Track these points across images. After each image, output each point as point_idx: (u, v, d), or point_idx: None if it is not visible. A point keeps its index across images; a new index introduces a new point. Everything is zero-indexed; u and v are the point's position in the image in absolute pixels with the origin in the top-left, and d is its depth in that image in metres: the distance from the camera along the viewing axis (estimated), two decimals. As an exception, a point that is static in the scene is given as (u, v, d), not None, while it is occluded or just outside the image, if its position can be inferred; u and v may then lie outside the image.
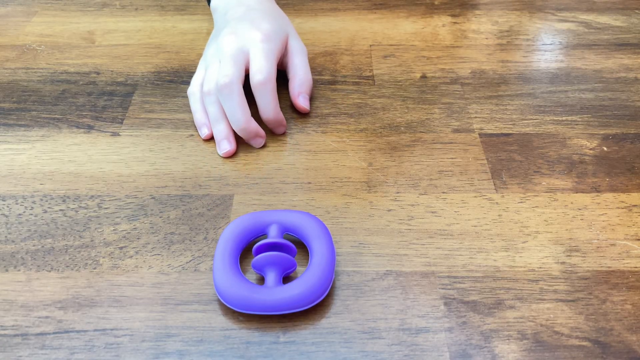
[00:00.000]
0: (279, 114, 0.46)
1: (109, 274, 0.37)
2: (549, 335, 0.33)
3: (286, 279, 0.36)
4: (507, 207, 0.41)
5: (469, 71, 0.54)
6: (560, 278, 0.36)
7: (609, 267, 0.37)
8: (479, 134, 0.47)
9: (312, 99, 0.50)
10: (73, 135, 0.47)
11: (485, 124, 0.48)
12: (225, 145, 0.45)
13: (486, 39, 0.58)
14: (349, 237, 0.39)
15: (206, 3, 0.64)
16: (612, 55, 0.56)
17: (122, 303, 0.35)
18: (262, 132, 0.45)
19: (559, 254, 0.38)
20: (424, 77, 0.53)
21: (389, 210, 0.41)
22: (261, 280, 0.36)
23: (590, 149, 0.45)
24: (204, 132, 0.46)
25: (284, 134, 0.47)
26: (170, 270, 0.37)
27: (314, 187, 0.42)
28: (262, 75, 0.44)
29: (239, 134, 0.45)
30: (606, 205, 0.41)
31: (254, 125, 0.44)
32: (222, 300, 0.35)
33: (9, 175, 0.43)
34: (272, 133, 0.47)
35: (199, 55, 0.55)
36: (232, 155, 0.45)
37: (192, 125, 0.48)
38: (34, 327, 0.34)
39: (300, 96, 0.48)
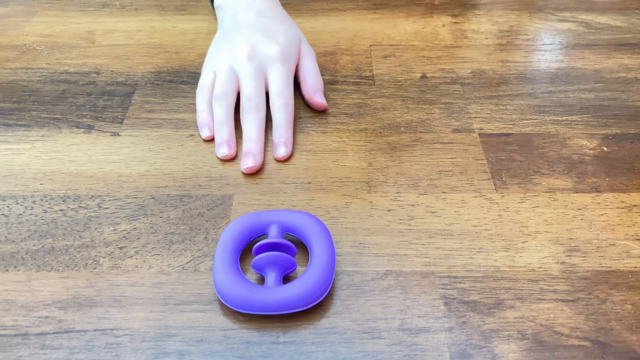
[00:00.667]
0: (289, 130, 0.46)
1: (109, 274, 0.37)
2: (549, 335, 0.34)
3: (286, 279, 0.36)
4: (507, 207, 0.41)
5: (469, 71, 0.54)
6: (560, 278, 0.36)
7: (609, 267, 0.37)
8: (479, 134, 0.47)
9: (312, 99, 0.50)
10: (73, 135, 0.47)
11: (485, 124, 0.48)
12: (225, 149, 0.45)
13: (486, 39, 0.58)
14: (349, 237, 0.39)
15: (208, 2, 0.63)
16: (612, 55, 0.56)
17: (122, 303, 0.35)
18: (260, 157, 0.44)
19: (559, 254, 0.38)
20: (424, 77, 0.53)
21: (389, 210, 0.41)
22: (261, 280, 0.36)
23: (590, 149, 0.45)
24: (205, 133, 0.46)
25: (283, 159, 0.45)
26: (170, 270, 0.37)
27: (314, 187, 0.42)
28: (284, 98, 0.46)
29: (244, 146, 0.45)
30: (606, 205, 0.41)
31: (260, 146, 0.45)
32: (222, 300, 0.35)
33: (9, 175, 0.43)
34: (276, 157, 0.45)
35: (199, 55, 0.55)
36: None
37: (192, 125, 0.48)
38: (34, 327, 0.34)
39: (316, 94, 0.49)
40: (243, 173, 0.44)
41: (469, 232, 0.39)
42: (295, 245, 0.38)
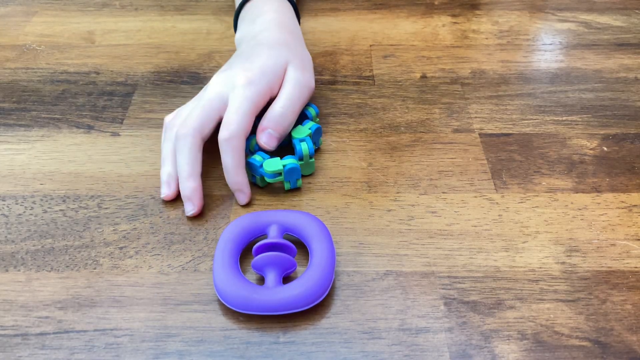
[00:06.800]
0: (238, 176, 0.40)
1: (109, 274, 0.37)
2: (549, 335, 0.33)
3: (286, 279, 0.36)
4: (507, 207, 0.41)
5: (469, 71, 0.54)
6: (560, 278, 0.36)
7: (609, 267, 0.37)
8: (479, 134, 0.47)
9: (312, 98, 0.50)
10: (73, 135, 0.47)
11: (485, 124, 0.48)
12: (164, 189, 0.41)
13: (486, 39, 0.58)
14: (349, 237, 0.39)
15: (208, 3, 0.63)
16: (612, 55, 0.56)
17: (122, 303, 0.35)
18: (196, 198, 0.40)
19: (559, 254, 0.38)
20: (424, 77, 0.53)
21: (389, 210, 0.41)
22: (261, 280, 0.36)
23: (590, 149, 0.45)
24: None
25: (248, 204, 0.41)
26: (170, 270, 0.37)
27: (314, 187, 0.42)
28: (227, 131, 0.39)
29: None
30: (606, 205, 0.41)
31: (192, 185, 0.40)
32: (222, 300, 0.35)
33: (9, 175, 0.43)
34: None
35: (199, 56, 0.55)
36: (171, 200, 0.41)
37: (192, 125, 0.48)
38: (34, 327, 0.34)
39: (263, 132, 0.41)
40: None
41: (469, 232, 0.39)
42: (295, 245, 0.38)
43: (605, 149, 0.46)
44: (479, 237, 0.39)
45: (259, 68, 0.42)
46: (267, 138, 0.41)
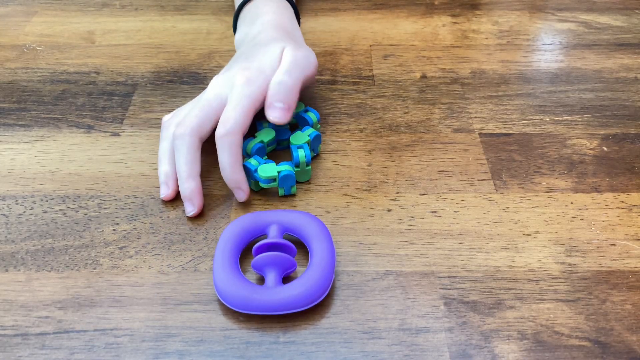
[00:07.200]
0: (235, 174, 0.40)
1: (109, 274, 0.37)
2: (549, 335, 0.33)
3: (286, 279, 0.36)
4: (507, 207, 0.41)
5: (469, 71, 0.54)
6: (560, 278, 0.36)
7: (609, 267, 0.37)
8: (479, 134, 0.47)
9: (311, 98, 0.50)
10: (73, 135, 0.47)
11: (485, 124, 0.48)
12: (163, 190, 0.41)
13: (486, 39, 0.58)
14: (349, 237, 0.39)
15: (208, 3, 0.63)
16: (612, 55, 0.56)
17: (122, 303, 0.35)
18: (196, 198, 0.40)
19: (559, 254, 0.38)
20: (424, 77, 0.53)
21: (389, 210, 0.41)
22: (261, 280, 0.36)
23: (590, 149, 0.45)
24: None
25: (246, 202, 0.41)
26: (170, 270, 0.37)
27: (314, 187, 0.42)
28: (224, 128, 0.39)
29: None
30: (606, 205, 0.41)
31: (192, 185, 0.40)
32: (222, 300, 0.35)
33: (9, 175, 0.43)
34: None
35: (199, 55, 0.55)
36: (171, 200, 0.41)
37: (192, 125, 0.48)
38: (34, 327, 0.34)
39: (269, 107, 0.41)
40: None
41: (469, 232, 0.39)
42: (295, 245, 0.38)
43: (605, 149, 0.46)
44: (479, 237, 0.39)
45: (257, 67, 0.42)
46: (276, 112, 0.41)
